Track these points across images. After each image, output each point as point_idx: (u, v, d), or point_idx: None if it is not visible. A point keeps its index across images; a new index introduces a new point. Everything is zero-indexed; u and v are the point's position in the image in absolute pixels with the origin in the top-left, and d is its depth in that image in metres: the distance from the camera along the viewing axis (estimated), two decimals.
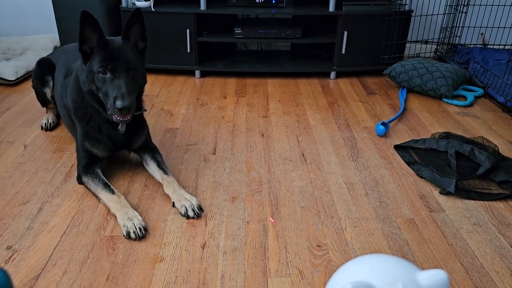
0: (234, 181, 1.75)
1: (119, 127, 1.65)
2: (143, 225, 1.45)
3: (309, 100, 2.58)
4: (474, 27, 3.32)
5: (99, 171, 1.67)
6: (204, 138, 2.10)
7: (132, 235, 1.42)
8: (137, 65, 1.55)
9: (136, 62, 1.55)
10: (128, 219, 1.45)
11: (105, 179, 1.63)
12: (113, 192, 1.57)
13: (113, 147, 1.72)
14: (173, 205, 1.58)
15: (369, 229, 1.49)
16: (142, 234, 1.43)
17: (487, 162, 1.76)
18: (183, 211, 1.53)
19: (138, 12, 1.53)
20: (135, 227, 1.43)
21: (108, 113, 1.56)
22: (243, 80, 2.89)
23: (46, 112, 2.21)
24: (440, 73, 2.58)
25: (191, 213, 1.52)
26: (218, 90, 2.72)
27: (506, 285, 1.27)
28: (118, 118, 1.55)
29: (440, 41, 3.35)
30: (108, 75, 1.49)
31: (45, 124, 2.14)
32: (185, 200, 1.56)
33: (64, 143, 2.02)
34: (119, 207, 1.51)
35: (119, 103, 1.46)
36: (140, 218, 1.47)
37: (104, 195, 1.57)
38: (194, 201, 1.56)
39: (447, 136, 2.06)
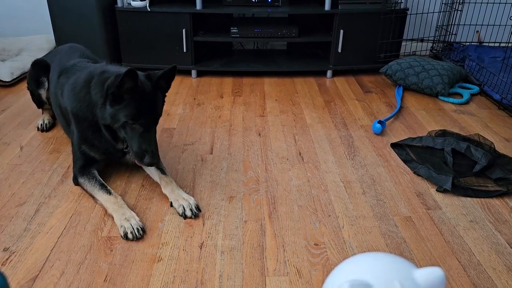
0: (232, 180, 1.76)
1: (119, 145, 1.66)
2: (141, 226, 1.45)
3: (306, 99, 2.58)
4: (470, 24, 3.33)
5: (96, 172, 1.67)
6: (201, 137, 2.10)
7: (130, 236, 1.42)
8: (162, 112, 1.60)
9: (162, 110, 1.60)
10: (125, 220, 1.45)
11: (101, 180, 1.63)
12: (109, 193, 1.57)
13: (111, 153, 1.71)
14: (171, 205, 1.58)
15: (367, 227, 1.50)
16: (140, 235, 1.43)
17: (484, 160, 1.77)
18: (180, 211, 1.53)
19: (174, 68, 1.56)
20: (133, 228, 1.43)
21: (130, 156, 1.63)
22: (239, 79, 2.89)
23: (42, 113, 2.20)
24: (436, 71, 2.59)
25: (188, 213, 1.52)
26: (215, 90, 2.71)
27: (503, 282, 1.28)
28: (136, 163, 1.59)
29: (435, 39, 3.36)
30: (138, 126, 1.50)
31: (41, 125, 2.13)
32: (183, 200, 1.56)
33: (60, 144, 2.02)
34: (116, 208, 1.50)
35: (148, 160, 1.52)
36: (137, 218, 1.47)
37: (100, 196, 1.57)
38: (192, 201, 1.56)
39: (443, 133, 2.06)
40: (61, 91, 1.73)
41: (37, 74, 2.02)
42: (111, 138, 1.61)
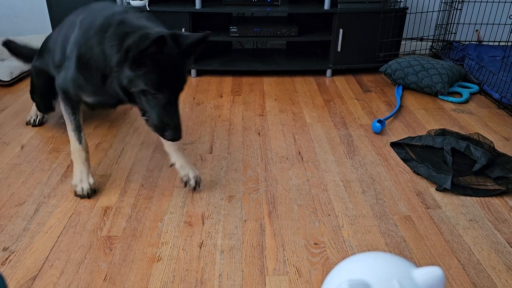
0: (231, 180, 1.75)
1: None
2: (92, 188, 1.60)
3: (305, 98, 2.58)
4: (469, 23, 3.33)
5: (79, 111, 1.57)
6: (201, 137, 2.10)
7: (79, 195, 1.59)
8: (187, 79, 1.39)
9: (187, 79, 1.39)
10: (80, 181, 1.59)
11: (80, 120, 1.57)
12: (80, 142, 1.58)
13: (108, 103, 1.56)
14: (171, 166, 1.63)
15: (366, 227, 1.50)
16: (88, 196, 1.58)
17: (483, 159, 1.77)
18: (186, 179, 1.55)
19: (207, 37, 1.33)
20: (83, 191, 1.58)
21: (149, 126, 1.42)
22: (239, 78, 2.89)
23: (33, 108, 2.17)
24: (435, 70, 2.59)
25: (193, 183, 1.57)
26: (214, 89, 2.71)
27: (503, 281, 1.28)
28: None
29: (435, 38, 3.36)
30: (160, 96, 1.32)
31: (34, 120, 2.11)
32: (191, 170, 1.60)
33: (60, 144, 2.01)
34: (80, 161, 1.61)
35: (170, 135, 1.37)
36: (92, 181, 1.60)
37: (72, 137, 1.60)
38: (197, 173, 1.57)
39: (443, 133, 2.06)
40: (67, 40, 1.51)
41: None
42: (124, 94, 1.40)
